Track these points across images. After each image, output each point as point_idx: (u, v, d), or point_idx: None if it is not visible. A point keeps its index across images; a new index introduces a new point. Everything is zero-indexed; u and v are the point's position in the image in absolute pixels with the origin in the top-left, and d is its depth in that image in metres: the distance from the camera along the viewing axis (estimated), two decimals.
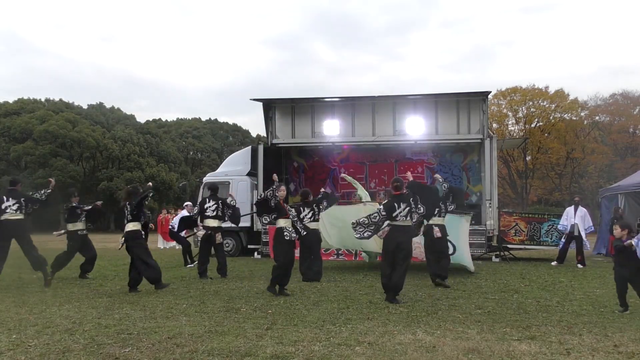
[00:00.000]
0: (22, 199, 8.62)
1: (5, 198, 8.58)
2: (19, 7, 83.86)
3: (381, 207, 7.42)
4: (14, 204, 8.53)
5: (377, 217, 7.25)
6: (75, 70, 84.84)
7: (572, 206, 13.18)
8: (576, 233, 12.63)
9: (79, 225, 9.85)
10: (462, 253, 10.39)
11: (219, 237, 10.06)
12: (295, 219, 8.24)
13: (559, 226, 13.52)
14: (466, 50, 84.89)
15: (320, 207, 9.64)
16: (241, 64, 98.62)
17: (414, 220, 7.35)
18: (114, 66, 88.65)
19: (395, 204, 7.24)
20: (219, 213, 10.12)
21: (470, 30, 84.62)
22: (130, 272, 8.14)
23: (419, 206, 7.47)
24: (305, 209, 9.50)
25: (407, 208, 7.22)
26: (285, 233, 7.72)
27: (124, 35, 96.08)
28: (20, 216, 8.59)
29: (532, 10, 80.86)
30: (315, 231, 9.53)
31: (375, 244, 10.66)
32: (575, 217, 12.79)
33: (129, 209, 8.13)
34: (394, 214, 7.20)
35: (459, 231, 10.52)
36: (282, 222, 7.78)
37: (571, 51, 74.84)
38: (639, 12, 69.66)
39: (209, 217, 10.09)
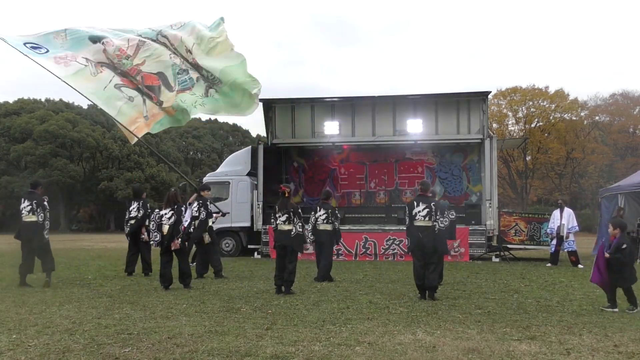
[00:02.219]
0: (34, 202, 8.70)
1: (23, 199, 8.83)
2: (16, 7, 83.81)
3: (406, 206, 7.87)
4: (27, 206, 8.68)
5: (403, 217, 7.72)
6: None
7: (558, 209, 13.18)
8: (561, 233, 12.68)
9: None
10: None
11: (207, 238, 10.09)
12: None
13: (547, 229, 13.55)
14: (458, 50, 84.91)
15: (337, 213, 9.67)
16: None
17: (439, 225, 7.48)
18: None
19: (415, 202, 7.54)
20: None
21: (462, 30, 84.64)
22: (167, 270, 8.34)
23: (439, 216, 7.52)
24: (322, 209, 9.57)
25: (427, 210, 7.41)
26: None
27: None
28: (33, 218, 8.65)
29: (529, 10, 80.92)
30: (327, 232, 9.54)
31: None
32: (561, 219, 12.81)
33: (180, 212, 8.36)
34: (413, 212, 7.46)
35: None
36: None
37: (569, 51, 74.88)
38: (637, 12, 69.75)
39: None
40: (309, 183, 17.33)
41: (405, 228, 7.98)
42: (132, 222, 10.37)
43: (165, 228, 8.34)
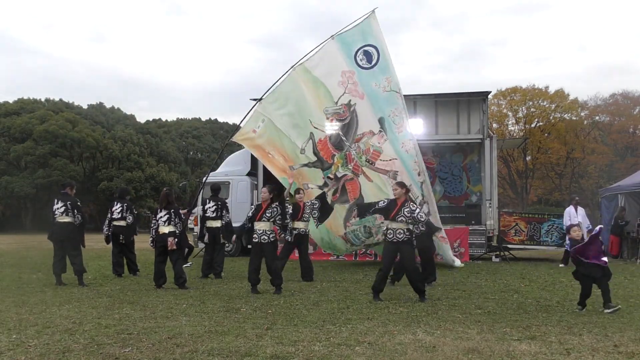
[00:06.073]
0: (68, 203, 8.82)
1: (56, 200, 8.92)
2: (9, 7, 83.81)
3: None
4: (61, 207, 8.78)
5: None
6: (70, 71, 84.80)
7: (571, 206, 13.15)
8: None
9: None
10: None
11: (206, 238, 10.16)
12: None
13: (564, 227, 13.38)
14: (457, 50, 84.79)
15: (314, 210, 9.67)
16: (232, 64, 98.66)
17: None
18: (112, 66, 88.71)
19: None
20: (219, 214, 10.13)
21: (461, 30, 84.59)
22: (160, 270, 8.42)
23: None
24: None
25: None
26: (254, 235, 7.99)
27: (119, 35, 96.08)
28: (67, 219, 8.76)
29: (523, 10, 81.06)
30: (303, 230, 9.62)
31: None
32: (577, 216, 12.72)
33: (172, 214, 8.38)
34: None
35: None
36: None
37: (564, 51, 74.98)
38: (630, 11, 69.78)
39: (209, 217, 10.11)
40: None
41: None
42: (115, 223, 10.30)
43: (162, 229, 8.35)
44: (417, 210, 7.11)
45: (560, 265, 12.57)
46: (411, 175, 9.41)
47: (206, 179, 11.91)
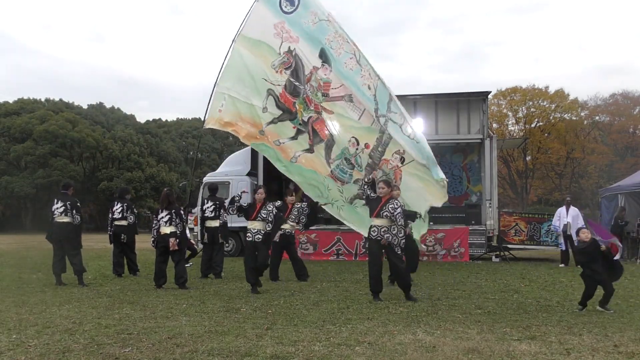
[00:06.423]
0: (68, 203, 8.89)
1: (56, 200, 8.98)
2: (9, 7, 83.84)
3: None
4: (60, 207, 8.84)
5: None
6: (69, 71, 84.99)
7: (564, 206, 13.21)
8: (569, 232, 12.64)
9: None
10: None
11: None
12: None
13: (551, 227, 13.58)
14: (456, 50, 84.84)
15: (302, 214, 9.74)
16: None
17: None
18: (112, 66, 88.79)
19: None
20: (218, 213, 10.14)
21: (460, 30, 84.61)
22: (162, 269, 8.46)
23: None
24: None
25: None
26: (247, 234, 8.05)
27: (119, 35, 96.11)
28: (66, 219, 8.81)
29: (521, 11, 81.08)
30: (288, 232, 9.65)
31: None
32: (567, 217, 12.80)
33: (173, 215, 8.40)
34: None
35: None
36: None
37: (562, 51, 74.99)
38: (630, 11, 69.81)
39: (208, 217, 10.12)
40: None
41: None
42: (117, 223, 10.33)
43: (163, 229, 8.37)
44: (399, 209, 7.09)
45: (561, 266, 12.59)
46: (362, 93, 9.29)
47: (192, 175, 12.04)
